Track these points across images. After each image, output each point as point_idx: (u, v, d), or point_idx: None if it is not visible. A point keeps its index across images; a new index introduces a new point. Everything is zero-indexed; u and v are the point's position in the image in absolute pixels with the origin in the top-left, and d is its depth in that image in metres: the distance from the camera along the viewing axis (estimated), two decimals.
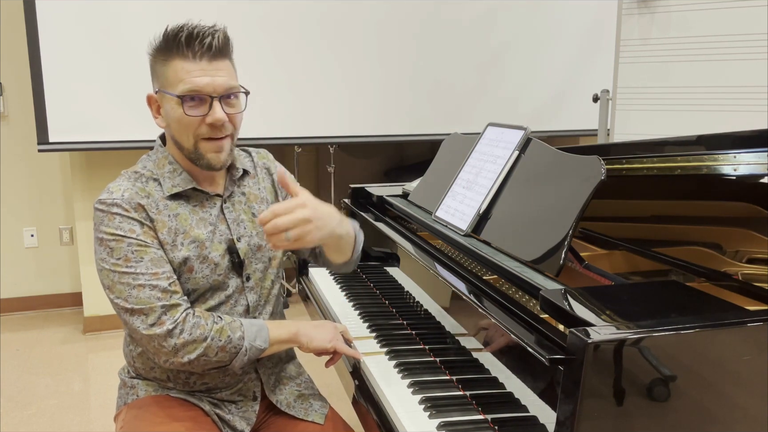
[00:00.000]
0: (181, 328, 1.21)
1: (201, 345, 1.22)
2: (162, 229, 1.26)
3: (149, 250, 1.23)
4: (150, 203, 1.26)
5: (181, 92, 1.22)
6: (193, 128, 1.24)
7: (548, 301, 1.05)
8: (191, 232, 1.29)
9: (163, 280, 1.23)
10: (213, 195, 1.34)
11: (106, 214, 1.23)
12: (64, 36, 3.02)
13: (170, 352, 1.21)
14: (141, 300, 1.21)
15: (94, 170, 3.39)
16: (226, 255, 1.32)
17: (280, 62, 3.31)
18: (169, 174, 1.30)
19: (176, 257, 1.27)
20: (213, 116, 1.23)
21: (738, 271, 1.29)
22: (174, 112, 1.24)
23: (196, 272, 1.29)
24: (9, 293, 3.71)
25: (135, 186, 1.27)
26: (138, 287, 1.21)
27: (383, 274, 1.80)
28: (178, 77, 1.22)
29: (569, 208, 1.22)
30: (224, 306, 1.33)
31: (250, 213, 1.38)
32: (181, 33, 1.21)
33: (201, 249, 1.29)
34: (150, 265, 1.23)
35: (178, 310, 1.23)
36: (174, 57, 1.22)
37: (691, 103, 2.61)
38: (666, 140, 1.63)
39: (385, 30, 3.46)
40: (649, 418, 0.88)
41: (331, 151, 3.73)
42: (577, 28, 3.74)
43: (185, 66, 1.21)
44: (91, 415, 2.61)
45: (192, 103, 1.22)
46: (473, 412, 1.15)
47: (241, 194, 1.38)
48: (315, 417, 1.41)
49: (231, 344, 1.24)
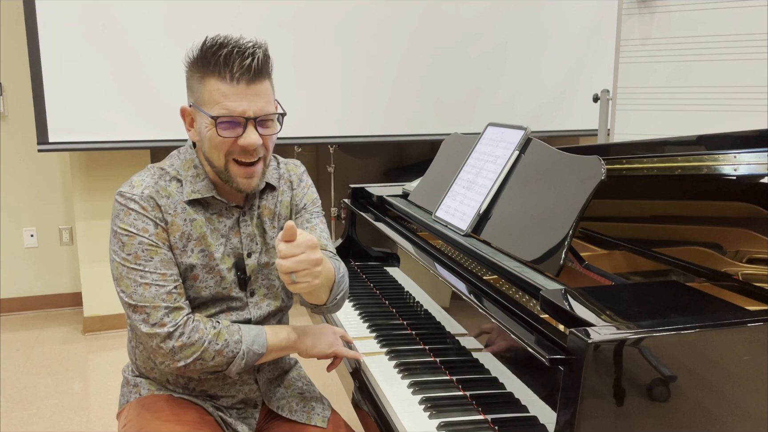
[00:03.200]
0: (181, 331, 1.21)
1: (198, 349, 1.22)
2: (175, 232, 1.26)
3: (159, 251, 1.23)
4: (168, 204, 1.26)
5: (215, 114, 1.18)
6: (225, 149, 1.21)
7: (548, 301, 1.05)
8: (203, 241, 1.28)
9: (170, 282, 1.23)
10: (233, 206, 1.31)
11: (123, 208, 1.23)
12: (64, 36, 3.02)
13: (167, 354, 1.21)
14: (145, 298, 1.21)
15: (94, 170, 3.39)
16: (233, 269, 1.31)
17: (279, 62, 3.30)
18: (192, 178, 1.28)
19: (183, 263, 1.26)
20: (246, 140, 1.19)
21: (738, 271, 1.29)
22: (206, 129, 1.21)
23: (200, 281, 1.28)
24: (9, 293, 3.70)
25: (157, 184, 1.26)
26: (144, 285, 1.22)
27: (383, 274, 1.80)
28: (213, 99, 1.18)
29: (569, 208, 1.22)
30: (225, 315, 1.32)
31: (261, 228, 1.36)
32: (220, 51, 1.16)
33: (209, 259, 1.28)
34: (159, 265, 1.23)
35: (181, 314, 1.23)
36: (211, 76, 1.18)
37: (691, 103, 2.61)
38: (666, 140, 1.63)
39: (385, 30, 3.46)
40: (650, 418, 0.88)
41: (331, 151, 3.73)
42: (577, 28, 3.73)
43: (221, 88, 1.17)
44: (91, 415, 2.60)
45: (226, 125, 1.19)
46: (473, 412, 1.15)
47: (258, 208, 1.36)
48: (317, 421, 1.39)
49: (228, 348, 1.24)
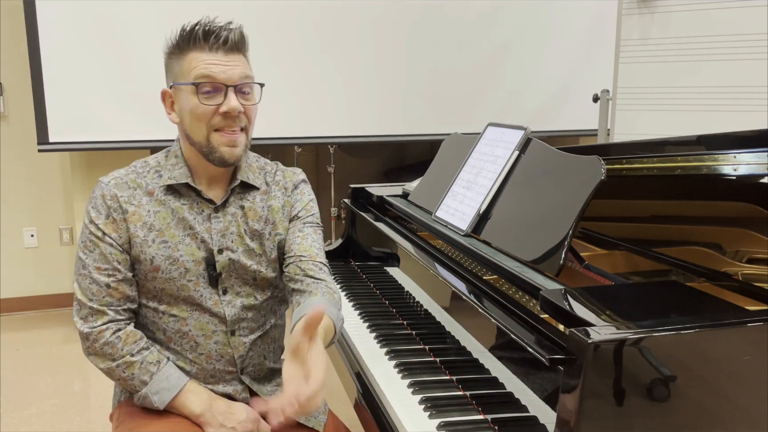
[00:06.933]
0: (95, 338, 1.24)
1: (107, 363, 1.25)
2: (137, 222, 1.26)
3: (102, 243, 1.25)
4: (133, 195, 1.28)
5: (195, 78, 1.21)
6: (206, 119, 1.23)
7: (548, 301, 1.05)
8: (166, 231, 1.28)
9: (104, 277, 1.25)
10: (206, 198, 1.30)
11: (92, 195, 1.29)
12: (64, 36, 3.02)
13: (84, 351, 1.27)
14: (80, 289, 1.26)
15: (94, 170, 3.39)
16: (202, 263, 1.29)
17: (279, 63, 3.31)
18: (171, 166, 1.30)
19: (145, 252, 1.26)
20: (228, 105, 1.21)
21: (738, 271, 1.29)
22: (188, 102, 1.23)
23: (162, 272, 1.27)
24: (9, 293, 3.70)
25: (128, 176, 1.30)
26: (82, 276, 1.26)
27: (383, 274, 1.80)
28: (191, 66, 1.22)
29: (569, 208, 1.22)
30: (198, 313, 1.30)
31: (242, 228, 1.32)
32: (197, 27, 1.22)
33: (172, 250, 1.27)
34: (98, 257, 1.26)
35: (101, 319, 1.25)
36: (189, 50, 1.23)
37: (691, 103, 2.61)
38: (666, 140, 1.63)
39: (384, 30, 3.46)
40: (650, 418, 0.88)
41: (331, 151, 3.73)
42: (577, 28, 3.73)
43: (200, 56, 1.22)
44: (91, 415, 2.61)
45: (207, 93, 1.22)
46: (473, 412, 1.15)
47: (239, 207, 1.32)
48: (314, 423, 1.37)
49: (132, 382, 1.26)
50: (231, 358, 1.33)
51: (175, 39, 1.26)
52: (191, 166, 1.30)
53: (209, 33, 1.22)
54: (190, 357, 1.31)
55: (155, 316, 1.30)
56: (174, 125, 1.32)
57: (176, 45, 1.26)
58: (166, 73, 1.30)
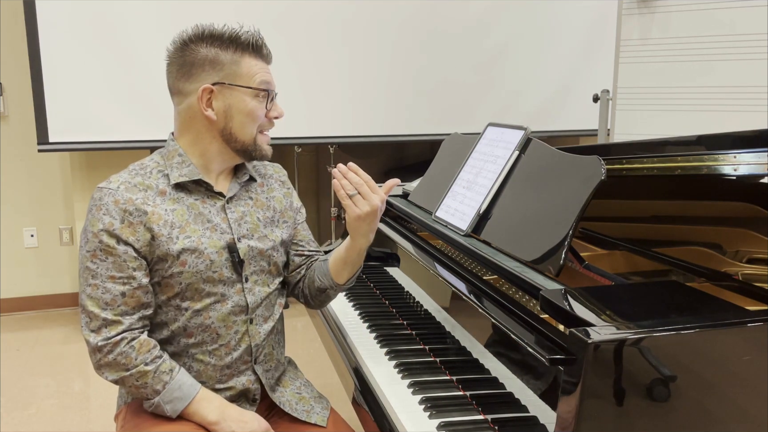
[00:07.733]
0: (110, 350, 1.23)
1: (121, 373, 1.25)
2: (158, 221, 1.26)
3: (117, 250, 1.23)
4: (147, 196, 1.27)
5: (258, 84, 1.31)
6: (260, 121, 1.33)
7: (548, 301, 1.05)
8: (187, 227, 1.29)
9: (119, 285, 1.24)
10: (216, 192, 1.34)
11: (96, 202, 1.26)
12: (64, 36, 3.02)
13: (94, 364, 1.26)
14: (90, 301, 1.24)
15: (94, 170, 3.39)
16: (225, 253, 1.32)
17: (279, 63, 3.29)
18: (177, 165, 1.31)
19: (171, 250, 1.27)
20: (277, 111, 1.36)
21: (738, 271, 1.29)
22: (245, 103, 1.30)
23: (189, 266, 1.28)
24: (9, 293, 3.70)
25: (134, 179, 1.29)
26: (92, 286, 1.24)
27: (383, 274, 1.81)
28: (252, 71, 1.31)
29: (569, 208, 1.22)
30: (220, 305, 1.32)
31: (255, 217, 1.38)
32: (250, 38, 1.32)
33: (197, 244, 1.29)
34: (111, 266, 1.24)
35: (116, 329, 1.24)
36: (246, 55, 1.31)
37: (691, 103, 2.61)
38: (666, 140, 1.63)
39: (384, 30, 3.46)
40: (649, 418, 0.88)
41: (331, 151, 3.73)
42: (577, 28, 3.74)
43: (258, 63, 1.32)
44: (91, 415, 2.61)
45: (263, 99, 1.32)
46: (473, 412, 1.15)
47: (248, 198, 1.40)
48: (317, 419, 1.40)
49: (144, 390, 1.26)
50: (248, 347, 1.36)
51: (224, 36, 1.30)
52: (203, 162, 1.33)
53: (260, 41, 1.33)
54: (210, 349, 1.33)
55: (177, 314, 1.31)
56: (172, 126, 1.33)
57: (229, 43, 1.30)
58: (205, 66, 1.28)
